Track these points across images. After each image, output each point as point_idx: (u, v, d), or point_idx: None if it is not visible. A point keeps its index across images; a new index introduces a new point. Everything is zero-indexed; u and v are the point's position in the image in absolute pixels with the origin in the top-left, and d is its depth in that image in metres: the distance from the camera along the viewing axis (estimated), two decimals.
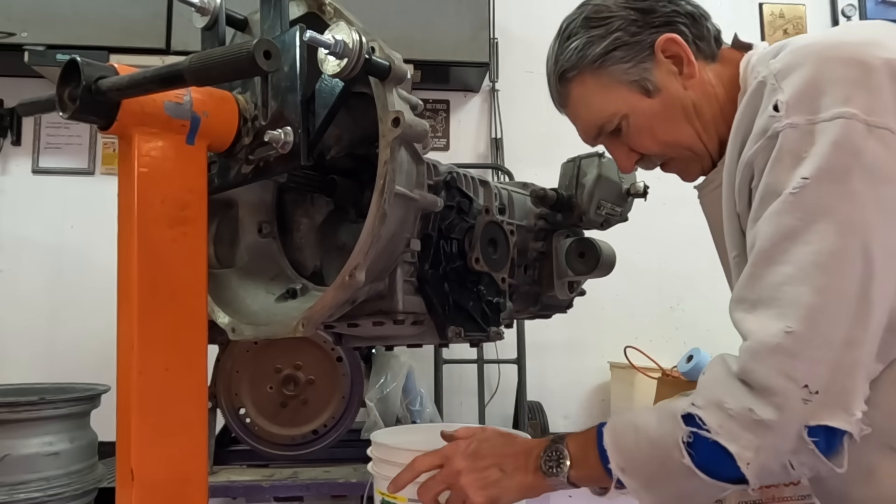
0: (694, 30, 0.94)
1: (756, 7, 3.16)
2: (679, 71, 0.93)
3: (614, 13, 0.93)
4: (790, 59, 0.80)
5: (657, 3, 0.94)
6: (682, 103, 0.93)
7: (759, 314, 0.75)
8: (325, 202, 1.01)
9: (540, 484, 0.90)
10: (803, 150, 0.74)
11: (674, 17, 0.93)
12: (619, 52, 0.92)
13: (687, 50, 0.92)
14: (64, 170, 2.77)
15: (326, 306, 0.79)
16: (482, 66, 2.68)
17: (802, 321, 0.71)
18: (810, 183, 0.73)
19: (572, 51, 0.95)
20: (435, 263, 0.90)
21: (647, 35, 0.93)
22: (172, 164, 0.74)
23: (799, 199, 0.74)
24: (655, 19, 0.93)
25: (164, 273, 0.73)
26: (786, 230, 0.74)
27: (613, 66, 0.93)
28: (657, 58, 0.92)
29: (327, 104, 0.81)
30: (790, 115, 0.76)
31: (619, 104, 0.94)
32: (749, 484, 0.75)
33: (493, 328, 0.99)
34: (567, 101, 1.00)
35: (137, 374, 0.70)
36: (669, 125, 0.94)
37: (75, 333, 2.63)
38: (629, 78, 0.93)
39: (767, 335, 0.73)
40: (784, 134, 0.76)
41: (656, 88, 0.93)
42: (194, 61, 0.61)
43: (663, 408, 0.84)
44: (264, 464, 1.95)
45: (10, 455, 1.73)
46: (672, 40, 0.92)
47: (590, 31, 0.94)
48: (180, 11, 2.40)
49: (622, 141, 0.98)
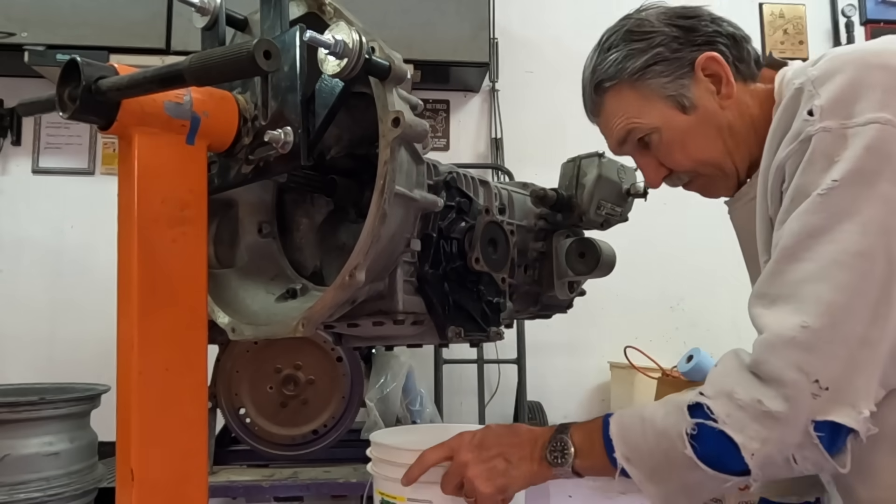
0: (734, 51, 0.94)
1: (756, 7, 3.17)
2: (717, 90, 0.93)
3: (656, 28, 0.94)
4: (829, 65, 0.80)
5: (699, 22, 0.94)
6: (717, 122, 0.94)
7: (778, 309, 0.76)
8: (325, 202, 1.01)
9: (545, 473, 0.92)
10: (835, 153, 0.75)
11: (715, 37, 0.94)
12: (659, 66, 0.93)
13: (727, 69, 0.92)
14: (64, 170, 2.77)
15: (326, 306, 0.79)
16: (482, 66, 2.68)
17: (820, 317, 0.72)
18: (839, 185, 0.74)
19: (611, 62, 0.95)
20: (435, 263, 0.90)
21: (687, 52, 0.93)
22: (172, 164, 0.74)
23: (827, 200, 0.74)
24: (697, 38, 0.93)
25: (164, 273, 0.73)
26: (811, 228, 0.75)
27: (652, 80, 0.94)
28: (696, 75, 0.93)
29: (327, 104, 0.81)
30: (824, 119, 0.76)
31: (653, 116, 0.95)
32: (751, 475, 0.76)
33: (493, 328, 0.98)
34: (600, 111, 1.00)
35: (137, 374, 0.70)
36: (702, 142, 0.95)
37: (75, 333, 2.64)
38: (666, 92, 0.93)
39: (783, 328, 0.74)
40: (817, 137, 0.76)
41: (692, 105, 0.93)
42: (194, 61, 0.61)
43: (670, 400, 0.84)
44: (264, 464, 1.95)
45: (10, 455, 1.73)
46: (713, 59, 0.92)
47: (631, 44, 0.95)
48: (180, 11, 2.40)
49: (652, 155, 0.98)
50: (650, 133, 0.96)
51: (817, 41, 3.18)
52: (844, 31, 3.11)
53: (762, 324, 0.77)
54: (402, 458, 1.01)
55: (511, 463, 0.93)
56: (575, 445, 0.90)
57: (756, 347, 0.76)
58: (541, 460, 0.92)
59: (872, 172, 0.73)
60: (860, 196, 0.73)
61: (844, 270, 0.73)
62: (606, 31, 0.99)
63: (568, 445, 0.90)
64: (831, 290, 0.72)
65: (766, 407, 0.73)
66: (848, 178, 0.74)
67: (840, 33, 3.14)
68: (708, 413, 0.77)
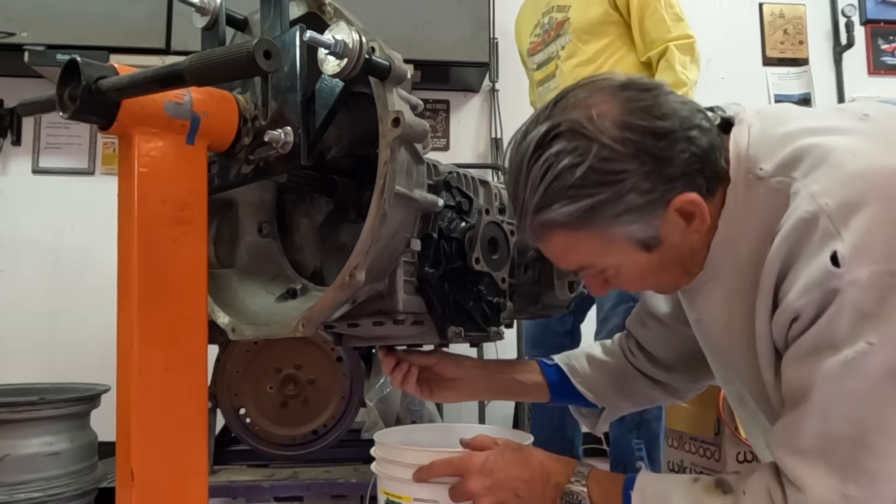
0: (708, 172, 0.79)
1: (756, 7, 3.17)
2: (687, 223, 0.80)
3: (626, 166, 0.75)
4: (845, 193, 0.71)
5: (674, 149, 0.76)
6: (680, 253, 0.83)
7: (813, 466, 0.73)
8: (325, 202, 1.01)
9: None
10: (867, 305, 0.69)
11: (691, 164, 0.77)
12: (629, 216, 0.77)
13: (703, 209, 0.79)
14: (64, 170, 2.77)
15: (326, 306, 0.79)
16: (482, 66, 2.68)
17: (863, 488, 0.71)
18: (875, 348, 0.69)
19: (570, 213, 0.77)
20: (435, 263, 0.90)
21: (662, 192, 0.77)
22: (172, 164, 0.74)
23: (862, 366, 0.70)
24: (672, 170, 0.77)
25: (164, 273, 0.73)
26: (847, 393, 0.71)
27: (619, 228, 0.79)
28: (668, 214, 0.78)
29: (327, 104, 0.81)
30: (852, 270, 0.69)
31: (612, 259, 0.83)
32: None
33: (493, 328, 0.98)
34: (544, 243, 0.85)
35: (137, 374, 0.70)
36: (661, 275, 0.86)
37: (75, 333, 2.64)
38: (633, 237, 0.80)
39: (824, 494, 0.72)
40: (845, 291, 0.69)
41: (658, 243, 0.81)
42: (194, 61, 0.61)
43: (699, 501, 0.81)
44: (264, 464, 1.95)
45: (10, 455, 1.73)
46: (691, 202, 0.78)
47: (598, 191, 0.76)
48: (180, 11, 2.40)
49: (601, 277, 0.88)
50: (606, 269, 0.85)
51: (817, 41, 3.18)
52: (844, 31, 3.11)
53: (797, 479, 0.74)
54: (407, 458, 1.01)
55: (522, 500, 0.92)
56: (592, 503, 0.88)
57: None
58: (553, 501, 0.90)
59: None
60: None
61: (885, 437, 0.70)
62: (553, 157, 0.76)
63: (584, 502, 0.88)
64: (872, 458, 0.70)
65: None
66: (884, 341, 0.69)
67: (840, 33, 3.14)
68: None
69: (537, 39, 2.13)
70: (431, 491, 1.00)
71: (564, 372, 1.17)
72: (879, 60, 3.19)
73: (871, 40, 3.19)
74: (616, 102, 0.77)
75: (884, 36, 3.20)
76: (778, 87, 3.14)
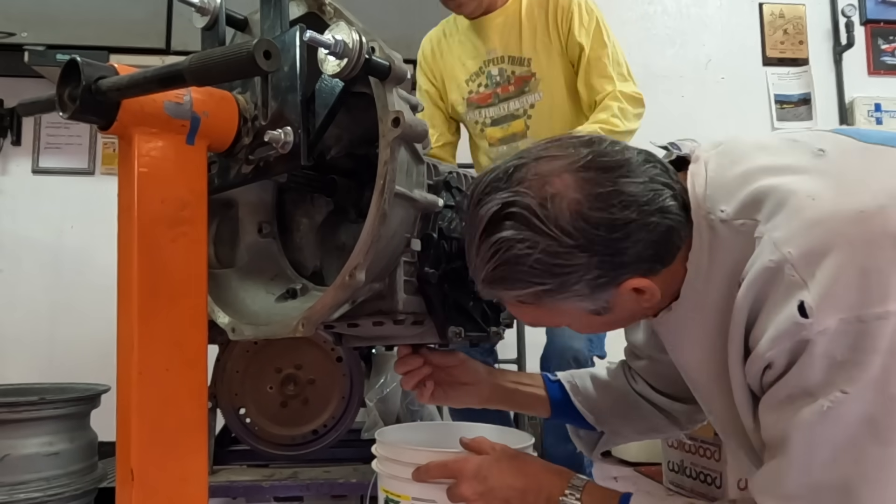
0: (664, 254, 0.79)
1: (756, 7, 3.17)
2: (639, 295, 0.80)
3: (575, 261, 0.74)
4: (808, 242, 0.71)
5: (629, 240, 0.75)
6: (632, 315, 0.85)
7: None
8: (325, 202, 1.01)
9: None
10: (839, 353, 0.69)
11: (645, 250, 0.76)
12: (576, 298, 0.78)
13: (654, 290, 0.79)
14: (64, 170, 2.77)
15: (326, 306, 0.79)
16: None
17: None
18: (850, 397, 0.69)
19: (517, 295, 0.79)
20: (435, 263, 0.90)
21: (611, 278, 0.77)
22: (172, 164, 0.74)
23: (838, 414, 0.69)
24: (623, 259, 0.76)
25: (164, 273, 0.73)
26: (825, 441, 0.71)
27: (568, 304, 0.80)
28: (619, 291, 0.78)
29: (327, 104, 0.81)
30: (821, 320, 0.69)
31: (564, 321, 0.86)
32: None
33: (493, 328, 0.98)
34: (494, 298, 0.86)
35: (137, 374, 0.70)
36: (614, 326, 0.90)
37: (75, 333, 2.64)
38: (584, 309, 0.81)
39: None
40: (815, 342, 0.69)
41: (609, 310, 0.82)
42: (194, 61, 0.61)
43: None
44: (264, 464, 1.95)
45: (10, 455, 1.73)
46: (639, 288, 0.78)
47: (543, 281, 0.76)
48: (180, 11, 2.40)
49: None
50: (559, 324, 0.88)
51: (817, 41, 3.18)
52: (844, 31, 3.11)
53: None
54: (408, 456, 1.02)
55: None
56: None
57: None
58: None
59: (882, 371, 0.68)
60: (873, 402, 0.69)
61: (867, 484, 0.70)
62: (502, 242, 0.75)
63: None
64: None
65: None
66: (858, 388, 0.69)
67: (840, 33, 3.14)
68: None
69: (485, 91, 1.92)
70: (429, 490, 1.00)
71: (566, 389, 1.16)
72: (879, 60, 3.19)
73: (871, 40, 3.19)
74: (575, 186, 0.75)
75: (884, 36, 3.20)
76: (778, 87, 3.14)
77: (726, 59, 3.10)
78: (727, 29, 3.13)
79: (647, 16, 3.11)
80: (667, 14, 3.13)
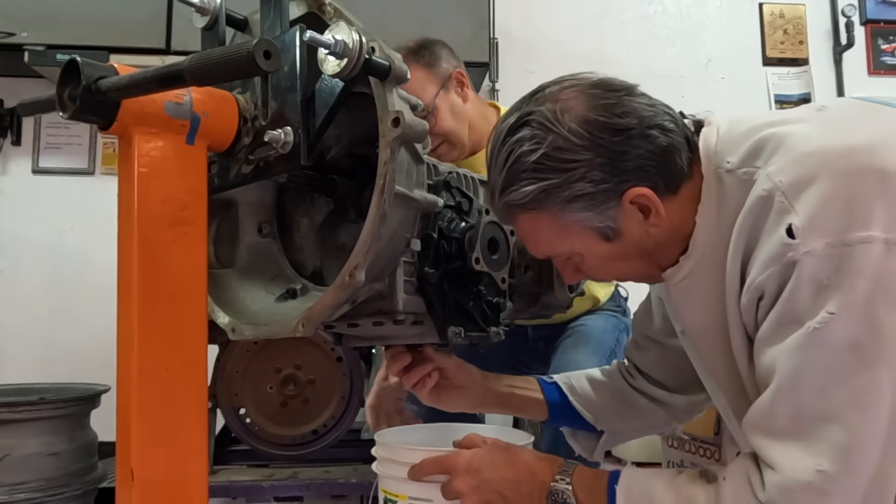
0: (664, 169, 0.83)
1: (756, 7, 3.16)
2: (645, 217, 0.84)
3: (578, 157, 0.80)
4: (797, 171, 0.75)
5: (629, 143, 0.81)
6: (642, 246, 0.87)
7: (786, 446, 0.74)
8: (325, 202, 1.01)
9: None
10: (824, 276, 0.72)
11: (646, 159, 0.82)
12: (581, 202, 0.82)
13: (657, 203, 0.83)
14: (64, 170, 2.77)
15: (326, 306, 0.79)
16: (482, 66, 2.67)
17: (835, 461, 0.71)
18: (836, 318, 0.71)
19: (525, 194, 0.83)
20: (435, 263, 0.90)
21: (615, 184, 0.81)
22: (172, 164, 0.74)
23: (824, 336, 0.72)
24: (626, 163, 0.81)
25: (164, 273, 0.73)
26: (812, 366, 0.73)
27: (573, 214, 0.83)
28: (623, 205, 0.83)
29: (327, 104, 0.81)
30: (808, 241, 0.72)
31: (574, 245, 0.87)
32: None
33: (492, 328, 0.98)
34: (513, 225, 0.92)
35: (137, 374, 0.70)
36: (625, 264, 0.90)
37: (75, 333, 2.63)
38: (590, 224, 0.84)
39: (798, 472, 0.72)
40: (803, 262, 0.72)
41: (617, 234, 0.85)
42: (194, 61, 0.61)
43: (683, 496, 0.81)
44: (264, 464, 1.95)
45: (10, 455, 1.73)
46: (642, 195, 0.82)
47: (548, 177, 0.81)
48: (180, 11, 2.40)
49: (572, 263, 0.92)
50: (571, 255, 0.90)
51: (817, 41, 3.18)
52: (844, 31, 3.11)
53: (771, 459, 0.75)
54: (408, 457, 1.02)
55: (508, 500, 0.92)
56: (577, 501, 0.89)
57: (770, 488, 0.75)
58: (540, 501, 0.91)
59: (867, 298, 0.71)
60: (859, 327, 0.71)
61: (853, 409, 0.71)
62: (515, 143, 0.83)
63: (569, 501, 0.89)
64: (842, 431, 0.71)
65: None
66: (843, 310, 0.71)
67: (840, 33, 3.14)
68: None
69: None
70: (425, 490, 1.00)
71: (563, 391, 1.17)
72: (879, 60, 3.18)
73: (871, 40, 3.19)
74: (582, 99, 0.83)
75: (884, 36, 3.20)
76: (778, 87, 3.14)
77: (726, 59, 3.10)
78: (727, 29, 3.13)
79: (647, 16, 3.11)
80: (667, 14, 3.12)
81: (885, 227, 0.71)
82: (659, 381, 1.14)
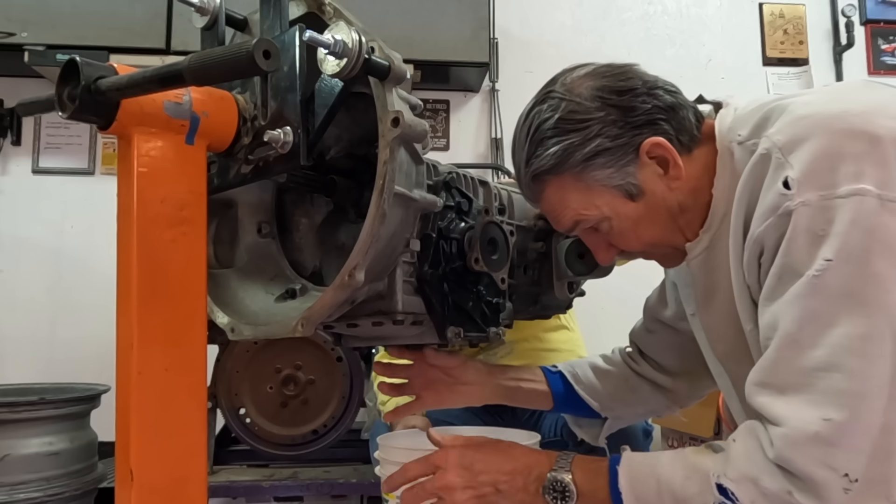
0: (675, 123, 0.89)
1: (756, 7, 3.16)
2: (664, 172, 0.89)
3: (592, 115, 0.87)
4: (794, 130, 0.78)
5: (636, 99, 0.88)
6: (667, 205, 0.91)
7: (791, 400, 0.74)
8: (325, 202, 1.00)
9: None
10: (819, 227, 0.74)
11: (655, 113, 0.88)
12: (601, 158, 0.88)
13: (673, 153, 0.88)
14: (64, 170, 2.77)
15: (326, 306, 0.79)
16: (482, 66, 2.68)
17: (841, 409, 0.71)
18: (833, 265, 0.72)
19: (549, 157, 0.88)
20: (434, 263, 0.90)
21: (629, 137, 0.87)
22: (172, 164, 0.74)
23: (822, 283, 0.73)
24: (637, 118, 0.87)
25: (164, 273, 0.73)
26: (812, 314, 0.74)
27: (596, 171, 0.88)
28: (641, 160, 0.88)
29: (327, 104, 0.81)
30: (802, 192, 0.75)
31: (601, 208, 0.91)
32: None
33: (492, 328, 0.98)
34: (541, 199, 0.95)
35: (137, 374, 0.70)
36: (653, 227, 0.92)
37: (75, 333, 2.63)
38: (612, 182, 0.89)
39: (804, 423, 0.72)
40: (798, 212, 0.75)
41: (640, 192, 0.89)
42: (194, 61, 0.61)
43: (689, 463, 0.81)
44: (264, 464, 1.96)
45: (10, 455, 1.73)
46: (658, 145, 0.87)
47: (567, 136, 0.88)
48: (180, 11, 2.40)
49: (602, 237, 0.95)
50: (600, 222, 0.92)
51: (817, 41, 3.17)
52: (844, 31, 3.11)
53: (775, 414, 0.75)
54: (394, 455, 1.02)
55: (503, 494, 0.90)
56: (577, 488, 0.86)
57: (777, 441, 0.74)
58: (536, 493, 0.88)
59: (862, 250, 0.72)
60: (855, 276, 0.72)
61: (854, 357, 0.71)
62: (536, 116, 0.90)
63: (569, 488, 0.86)
64: (846, 379, 0.71)
65: (797, 500, 0.72)
66: (840, 257, 0.72)
67: (840, 33, 3.14)
68: (731, 497, 0.76)
69: None
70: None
71: (568, 380, 1.17)
72: (879, 60, 3.18)
73: (871, 40, 3.19)
74: (590, 76, 0.91)
75: (884, 36, 3.20)
76: (778, 87, 3.14)
77: (726, 59, 3.10)
78: (727, 29, 3.13)
79: (647, 16, 3.11)
80: (667, 14, 3.12)
81: (877, 184, 0.73)
82: (663, 366, 1.17)
